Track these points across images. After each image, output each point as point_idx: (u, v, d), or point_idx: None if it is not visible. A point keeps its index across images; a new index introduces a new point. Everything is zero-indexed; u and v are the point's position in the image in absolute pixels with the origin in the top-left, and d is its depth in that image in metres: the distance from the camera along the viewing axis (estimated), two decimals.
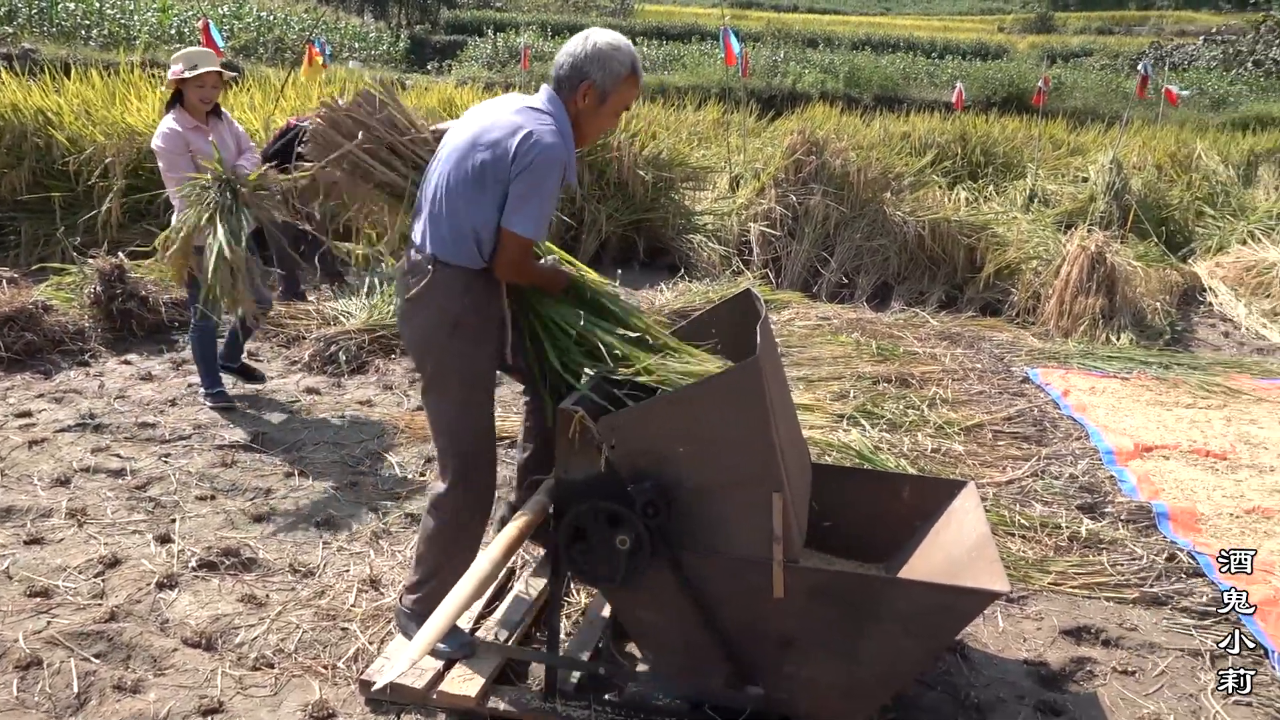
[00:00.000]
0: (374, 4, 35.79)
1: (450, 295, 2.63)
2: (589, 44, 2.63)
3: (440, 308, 2.64)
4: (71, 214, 7.23)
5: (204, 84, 4.47)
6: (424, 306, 2.65)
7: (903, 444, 4.65)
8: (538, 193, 2.55)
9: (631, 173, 8.79)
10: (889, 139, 10.81)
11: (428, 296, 2.63)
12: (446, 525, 2.81)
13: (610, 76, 2.64)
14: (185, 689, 2.71)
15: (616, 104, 2.69)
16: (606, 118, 2.72)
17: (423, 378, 2.78)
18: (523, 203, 2.55)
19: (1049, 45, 38.87)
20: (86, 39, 18.48)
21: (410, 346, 2.80)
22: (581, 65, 2.63)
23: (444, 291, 2.62)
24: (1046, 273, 7.71)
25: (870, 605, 2.46)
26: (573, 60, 2.63)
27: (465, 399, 2.74)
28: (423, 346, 2.71)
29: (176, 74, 4.45)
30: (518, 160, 2.52)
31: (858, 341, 6.41)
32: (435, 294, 2.62)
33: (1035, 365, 6.29)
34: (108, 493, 3.89)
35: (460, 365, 2.70)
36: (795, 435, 2.99)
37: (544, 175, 2.54)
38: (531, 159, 2.51)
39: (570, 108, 2.67)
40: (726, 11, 31.02)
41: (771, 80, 21.65)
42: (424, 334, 2.69)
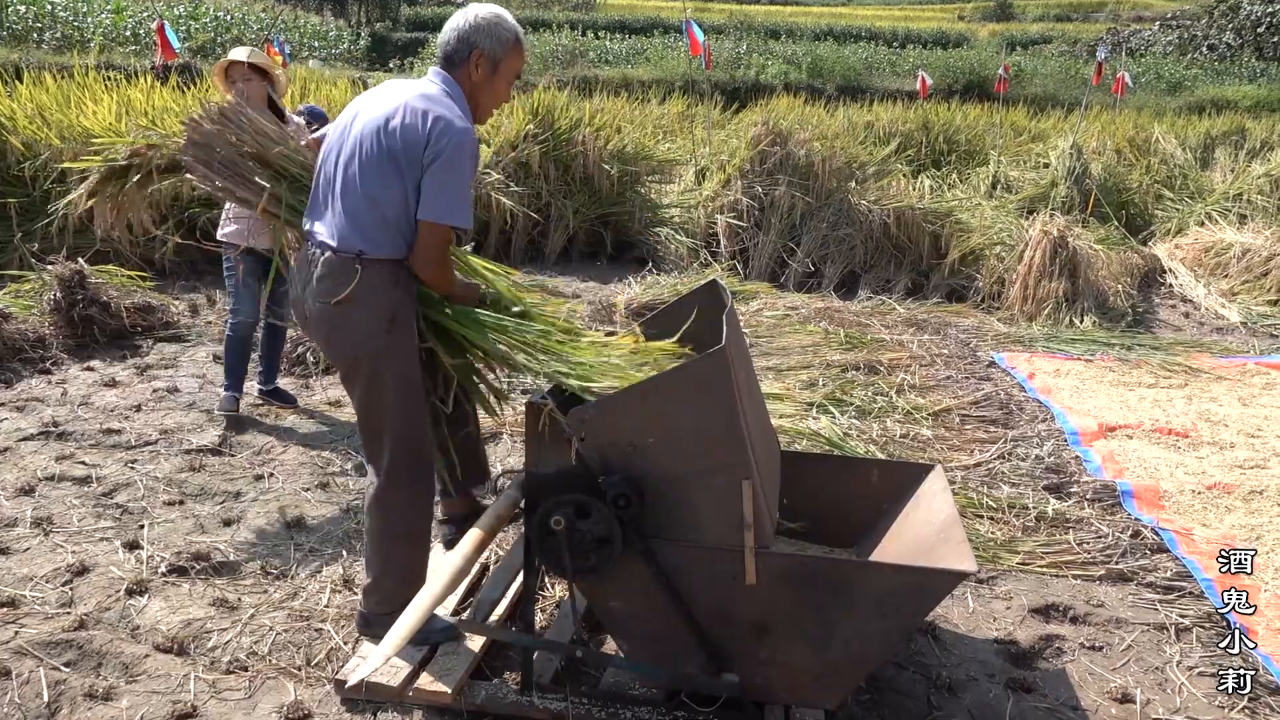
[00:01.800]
0: (333, 2, 35.48)
1: (383, 291, 2.58)
2: (473, 16, 2.66)
3: (373, 305, 2.57)
4: (28, 220, 7.11)
5: (234, 78, 4.30)
6: (356, 306, 2.57)
7: (872, 430, 4.70)
8: (456, 179, 2.54)
9: (597, 167, 8.79)
10: (853, 129, 10.87)
11: (361, 296, 2.56)
12: (395, 523, 2.78)
13: (499, 44, 2.67)
14: (158, 695, 2.68)
15: (508, 72, 2.72)
16: (500, 88, 2.74)
17: (355, 379, 2.68)
18: (440, 192, 2.52)
19: (1009, 33, 39.26)
20: (39, 42, 18.16)
21: (339, 348, 2.67)
22: (469, 36, 2.65)
23: (376, 288, 2.57)
24: (1010, 258, 7.80)
25: (842, 589, 2.48)
26: (459, 33, 2.65)
27: (407, 395, 2.70)
28: (356, 347, 2.63)
29: (217, 78, 4.38)
30: (430, 148, 2.50)
31: (826, 330, 6.45)
32: (367, 292, 2.56)
33: (1001, 350, 6.37)
34: (73, 500, 3.84)
35: (399, 361, 2.66)
36: (764, 423, 3.02)
37: (459, 161, 2.53)
38: (444, 145, 2.50)
39: (464, 83, 2.68)
40: (689, 4, 31.02)
41: (735, 72, 21.70)
42: (357, 334, 2.60)
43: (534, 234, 8.71)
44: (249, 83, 4.30)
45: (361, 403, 2.72)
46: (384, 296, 2.59)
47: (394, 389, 2.67)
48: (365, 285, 2.55)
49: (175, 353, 5.78)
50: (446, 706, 2.65)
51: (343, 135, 2.66)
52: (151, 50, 15.82)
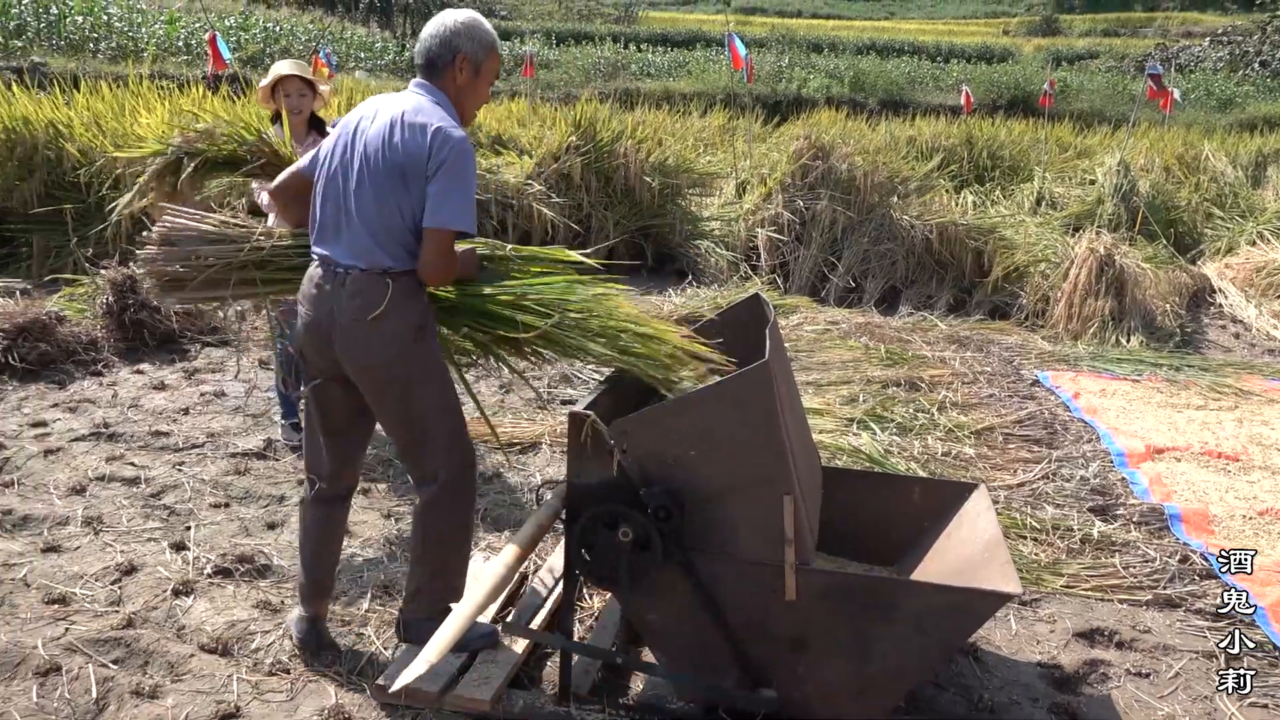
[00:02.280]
0: (379, 14, 35.96)
1: (411, 302, 2.66)
2: (452, 21, 2.71)
3: (403, 317, 2.64)
4: (83, 225, 7.28)
5: (288, 92, 4.16)
6: (389, 319, 2.63)
7: (913, 447, 4.66)
8: (460, 185, 2.60)
9: (638, 179, 8.82)
10: (895, 143, 10.82)
11: (393, 309, 2.62)
12: (456, 526, 2.83)
13: (480, 46, 2.73)
14: (202, 694, 2.73)
15: (488, 73, 2.77)
16: (482, 89, 2.79)
17: (389, 390, 2.71)
18: (444, 199, 2.58)
19: (1054, 48, 38.85)
20: (95, 52, 18.60)
21: (374, 363, 2.67)
22: (451, 41, 2.69)
23: (406, 300, 2.65)
24: (1055, 275, 7.71)
25: (883, 607, 2.47)
26: (441, 39, 2.70)
27: (445, 396, 2.77)
28: (392, 359, 2.67)
29: (262, 90, 4.21)
30: (433, 158, 2.56)
31: (866, 346, 6.41)
32: (399, 304, 2.63)
33: (1045, 368, 6.29)
34: (123, 501, 3.91)
35: (432, 366, 2.74)
36: (805, 438, 3.01)
37: (461, 167, 2.59)
38: (446, 154, 2.56)
39: (449, 89, 2.72)
40: (731, 18, 31.07)
41: (776, 86, 21.67)
42: (392, 346, 2.65)
43: (574, 245, 8.75)
44: (303, 98, 4.22)
45: (398, 413, 2.76)
46: (413, 307, 2.67)
47: (434, 393, 2.74)
48: (396, 298, 2.62)
49: (222, 357, 5.88)
50: (484, 714, 2.66)
51: (345, 158, 2.68)
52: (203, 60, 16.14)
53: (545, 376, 5.67)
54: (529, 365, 3.12)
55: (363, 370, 2.68)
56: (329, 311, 2.67)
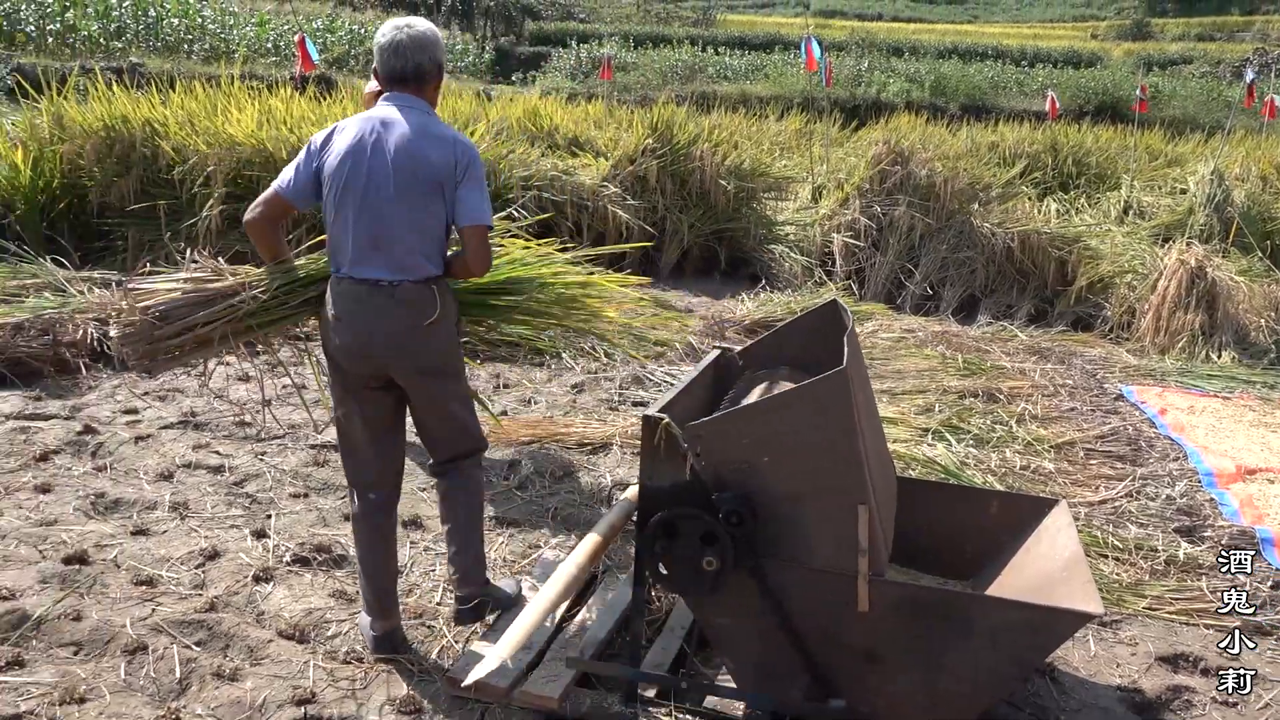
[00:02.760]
0: (461, 17, 36.53)
1: (451, 300, 2.91)
2: (428, 31, 2.83)
3: (449, 315, 2.89)
4: (175, 221, 7.52)
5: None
6: (440, 322, 2.82)
7: (990, 460, 4.56)
8: (481, 185, 2.81)
9: (713, 183, 8.80)
10: (976, 149, 10.61)
11: (442, 313, 2.82)
12: (481, 499, 3.10)
13: (443, 52, 2.89)
14: (280, 679, 2.80)
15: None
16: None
17: (447, 383, 2.94)
18: (476, 199, 2.78)
19: (1145, 52, 37.72)
20: (189, 53, 19.27)
21: (434, 362, 2.86)
22: (436, 55, 2.84)
23: (448, 300, 2.88)
24: (1142, 287, 7.48)
25: (958, 622, 2.42)
26: (428, 53, 2.82)
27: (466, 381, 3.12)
28: (448, 355, 2.91)
29: (370, 89, 4.01)
30: (459, 167, 2.75)
31: (943, 355, 6.30)
32: (446, 306, 2.85)
33: (1130, 383, 6.11)
34: (208, 488, 4.04)
35: (461, 355, 3.06)
36: (881, 448, 2.97)
37: (479, 169, 2.81)
38: (467, 160, 2.77)
39: (431, 97, 2.88)
40: (810, 21, 30.84)
41: (855, 90, 21.46)
42: (442, 345, 2.87)
43: (648, 248, 8.77)
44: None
45: (449, 402, 2.95)
46: (452, 305, 2.91)
47: (464, 379, 3.09)
48: (444, 300, 2.83)
49: (304, 350, 6.02)
50: (551, 712, 2.68)
51: (374, 179, 2.71)
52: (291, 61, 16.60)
53: (617, 377, 5.70)
54: (600, 365, 3.18)
55: (422, 371, 2.85)
56: (376, 325, 2.77)
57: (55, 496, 3.88)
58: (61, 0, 18.04)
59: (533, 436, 4.72)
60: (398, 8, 35.40)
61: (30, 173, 7.31)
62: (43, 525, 3.61)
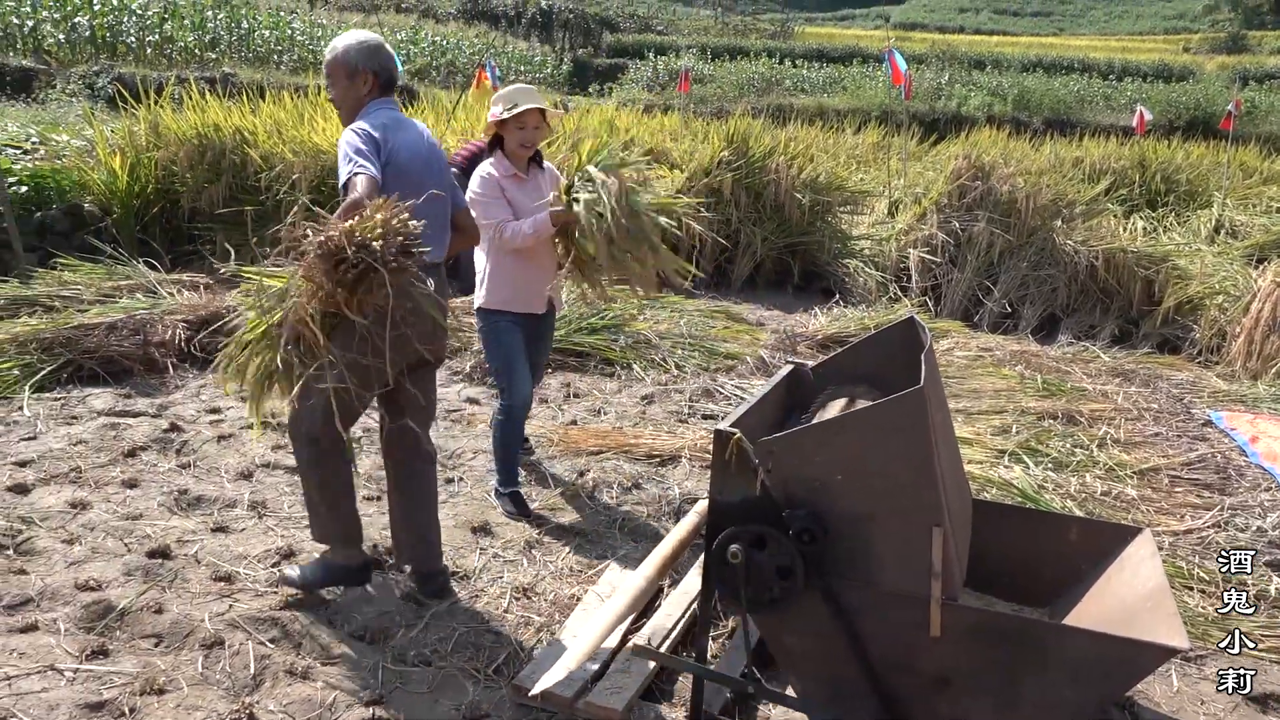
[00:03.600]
0: (540, 29, 37.02)
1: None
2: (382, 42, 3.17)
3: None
4: (262, 226, 7.75)
5: (524, 124, 3.78)
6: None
7: (1069, 484, 4.43)
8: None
9: (789, 195, 8.76)
10: (1060, 165, 10.36)
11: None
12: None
13: None
14: (350, 679, 2.85)
15: None
16: None
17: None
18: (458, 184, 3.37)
19: (1241, 66, 36.40)
20: (279, 63, 19.86)
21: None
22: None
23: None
24: (1234, 309, 7.19)
25: (1035, 651, 2.35)
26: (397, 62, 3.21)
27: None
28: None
29: (495, 117, 3.79)
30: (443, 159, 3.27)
31: (1021, 375, 6.15)
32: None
33: (1219, 408, 5.88)
34: (285, 488, 4.14)
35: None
36: (957, 469, 2.90)
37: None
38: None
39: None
40: (890, 33, 30.50)
41: (935, 103, 21.16)
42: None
43: (721, 259, 8.75)
44: (537, 130, 3.85)
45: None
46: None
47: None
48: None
49: None
50: None
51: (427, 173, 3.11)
52: None
53: (687, 390, 5.69)
54: (670, 377, 3.17)
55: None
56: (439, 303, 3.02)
57: (141, 491, 4.01)
58: (160, 12, 18.75)
59: (601, 446, 4.74)
60: (479, 20, 36.06)
61: (127, 178, 7.60)
62: (129, 519, 3.74)
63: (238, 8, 21.30)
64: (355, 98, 3.11)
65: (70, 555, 3.43)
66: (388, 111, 3.09)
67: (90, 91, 13.94)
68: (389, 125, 3.01)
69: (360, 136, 2.91)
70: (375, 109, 3.08)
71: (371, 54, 3.08)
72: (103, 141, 7.69)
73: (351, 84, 3.10)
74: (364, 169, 2.82)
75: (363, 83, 3.08)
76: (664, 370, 6.02)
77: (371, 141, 2.92)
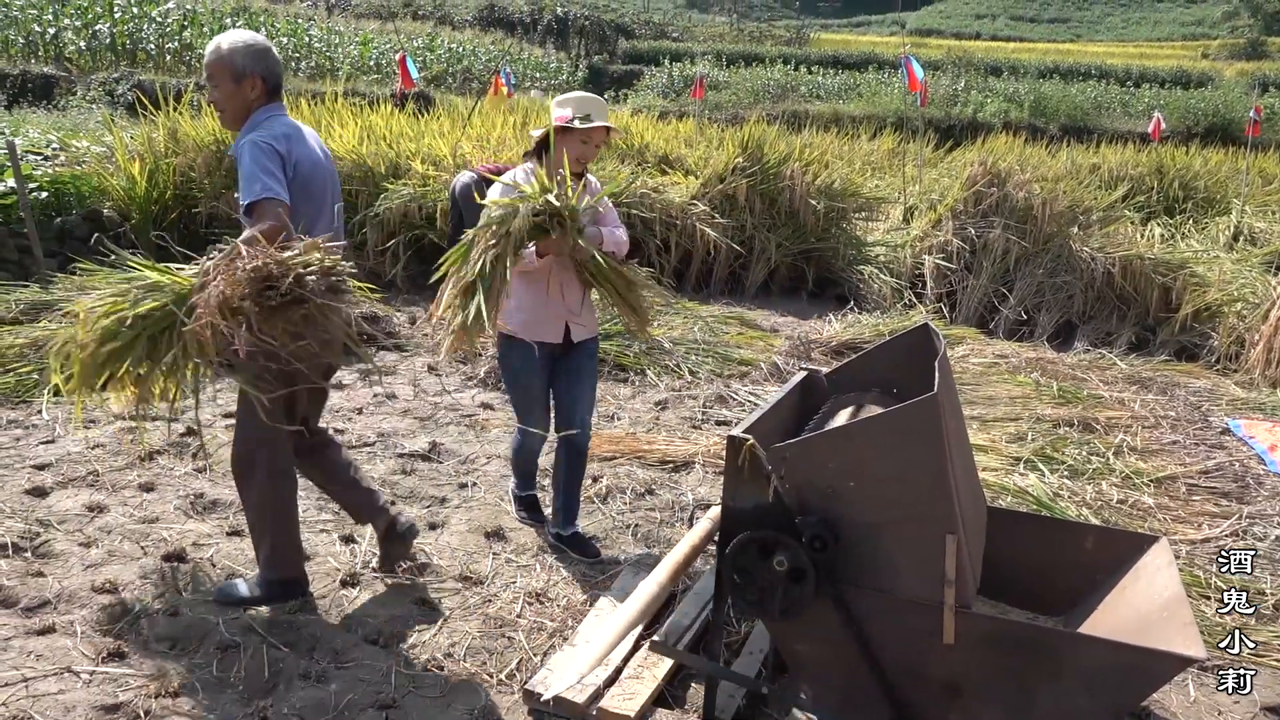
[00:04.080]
0: (556, 36, 37.13)
1: None
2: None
3: None
4: None
5: (589, 139, 3.44)
6: None
7: (1085, 492, 4.41)
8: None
9: (803, 202, 8.75)
10: (1076, 171, 10.33)
11: None
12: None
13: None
14: (363, 683, 2.86)
15: None
16: None
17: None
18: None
19: (1261, 73, 36.13)
20: (296, 70, 19.97)
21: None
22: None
23: None
24: (1253, 317, 7.14)
25: (1049, 660, 2.34)
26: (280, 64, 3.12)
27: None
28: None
29: (563, 119, 3.39)
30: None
31: (1037, 382, 6.12)
32: None
33: (1237, 416, 5.83)
34: (301, 492, 4.12)
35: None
36: (971, 476, 2.90)
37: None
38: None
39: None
40: (907, 40, 30.44)
41: (951, 109, 21.11)
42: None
43: (735, 266, 8.75)
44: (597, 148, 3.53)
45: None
46: None
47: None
48: None
49: (395, 361, 6.18)
50: None
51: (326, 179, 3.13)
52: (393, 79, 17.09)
53: (701, 396, 5.69)
54: (684, 384, 3.14)
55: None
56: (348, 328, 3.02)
57: (158, 495, 4.04)
58: (180, 20, 18.92)
59: (615, 452, 4.74)
60: (495, 27, 36.20)
61: (146, 184, 7.66)
62: (145, 523, 3.77)
63: (256, 15, 21.48)
64: (242, 102, 3.00)
65: (87, 558, 3.46)
66: (283, 120, 3.02)
67: (110, 98, 14.08)
68: (291, 136, 2.96)
69: (265, 152, 2.84)
70: (269, 117, 3.00)
71: (259, 57, 2.98)
72: (122, 148, 7.76)
73: (238, 88, 2.98)
74: (273, 193, 2.80)
75: (250, 88, 2.98)
76: (678, 376, 6.02)
77: (276, 158, 2.86)
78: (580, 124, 3.39)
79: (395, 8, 36.72)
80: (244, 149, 2.85)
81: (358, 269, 3.04)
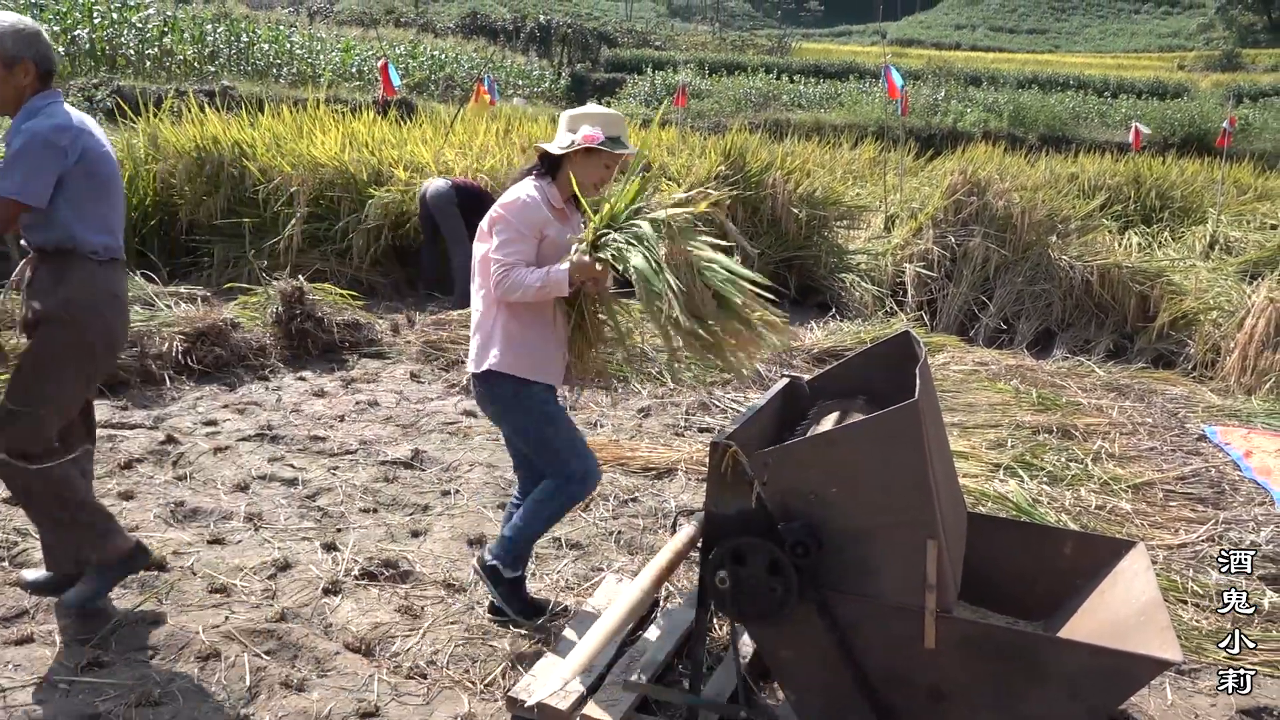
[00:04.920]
0: (539, 43, 37.16)
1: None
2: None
3: None
4: (259, 239, 7.78)
5: (612, 164, 3.12)
6: None
7: (1064, 498, 4.45)
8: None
9: (785, 210, 8.80)
10: (1055, 180, 10.42)
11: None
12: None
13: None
14: (345, 691, 2.85)
15: None
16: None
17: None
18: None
19: (1235, 84, 36.65)
20: (278, 77, 19.90)
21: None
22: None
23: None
24: (1228, 325, 7.23)
25: (1030, 664, 2.36)
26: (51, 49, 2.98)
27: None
28: None
29: (591, 140, 3.02)
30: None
31: (1017, 389, 6.17)
32: None
33: (1213, 423, 5.90)
34: (281, 500, 4.14)
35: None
36: (952, 482, 2.92)
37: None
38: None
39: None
40: (888, 49, 30.67)
41: (931, 119, 21.26)
42: None
43: None
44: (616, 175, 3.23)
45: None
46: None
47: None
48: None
49: (377, 369, 6.16)
50: None
51: (112, 168, 3.05)
52: (374, 86, 17.06)
53: (684, 403, 5.70)
54: (667, 391, 3.14)
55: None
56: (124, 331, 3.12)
57: (137, 504, 4.01)
58: (160, 25, 18.82)
59: (598, 459, 4.73)
60: (478, 35, 36.19)
61: (126, 191, 7.61)
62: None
63: (237, 21, 21.39)
64: (15, 89, 2.89)
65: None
66: (62, 106, 2.93)
67: (89, 104, 13.97)
68: (76, 127, 2.89)
69: (40, 146, 2.81)
70: (48, 103, 2.91)
71: (30, 41, 2.87)
72: None
73: (10, 74, 2.86)
74: (18, 196, 2.79)
75: (23, 73, 2.88)
76: (660, 384, 6.03)
77: (52, 153, 2.82)
78: (608, 149, 3.04)
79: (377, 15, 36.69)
80: (29, 135, 2.81)
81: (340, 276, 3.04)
